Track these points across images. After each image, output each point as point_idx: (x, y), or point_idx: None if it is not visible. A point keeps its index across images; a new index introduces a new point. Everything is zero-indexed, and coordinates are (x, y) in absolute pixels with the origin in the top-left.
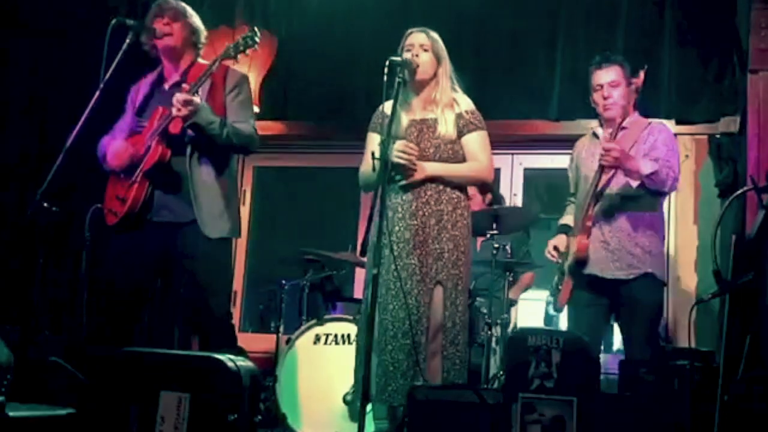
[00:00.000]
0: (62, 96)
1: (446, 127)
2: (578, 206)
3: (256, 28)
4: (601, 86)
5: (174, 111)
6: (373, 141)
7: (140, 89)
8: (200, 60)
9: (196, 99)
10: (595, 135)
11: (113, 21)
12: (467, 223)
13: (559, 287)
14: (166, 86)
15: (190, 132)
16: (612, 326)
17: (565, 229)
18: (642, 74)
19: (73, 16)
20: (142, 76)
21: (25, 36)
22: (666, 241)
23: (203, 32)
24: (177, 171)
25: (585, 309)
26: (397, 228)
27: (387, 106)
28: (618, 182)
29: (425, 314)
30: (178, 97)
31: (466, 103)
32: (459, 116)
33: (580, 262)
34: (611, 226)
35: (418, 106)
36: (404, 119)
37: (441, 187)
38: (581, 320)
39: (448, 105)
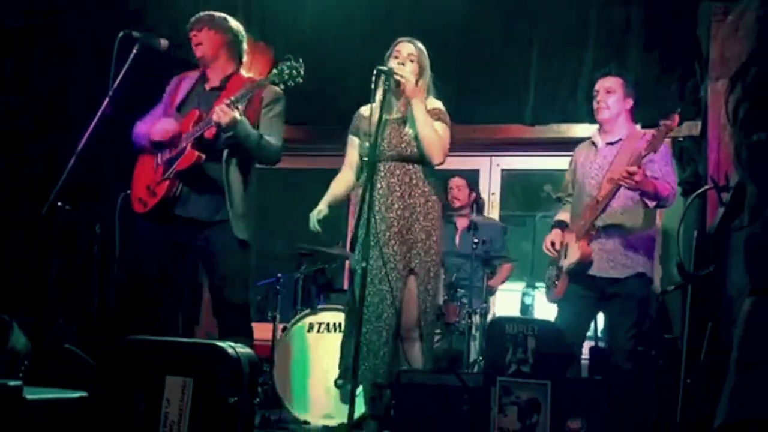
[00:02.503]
0: (73, 104)
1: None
2: (576, 209)
3: (301, 60)
4: (598, 91)
5: (214, 117)
6: (351, 143)
7: (181, 84)
8: (242, 71)
9: (236, 113)
10: (593, 143)
11: (120, 33)
12: (438, 215)
13: (556, 282)
14: (207, 87)
15: (220, 142)
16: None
17: (561, 225)
18: (677, 117)
19: (82, 32)
20: (186, 71)
21: (39, 51)
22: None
23: (243, 40)
24: (210, 173)
25: (575, 301)
26: (374, 220)
27: (364, 109)
28: (620, 197)
29: (398, 300)
30: (222, 109)
31: (434, 103)
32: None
33: (584, 265)
34: (611, 234)
35: (396, 109)
36: (384, 121)
37: (413, 182)
38: (571, 311)
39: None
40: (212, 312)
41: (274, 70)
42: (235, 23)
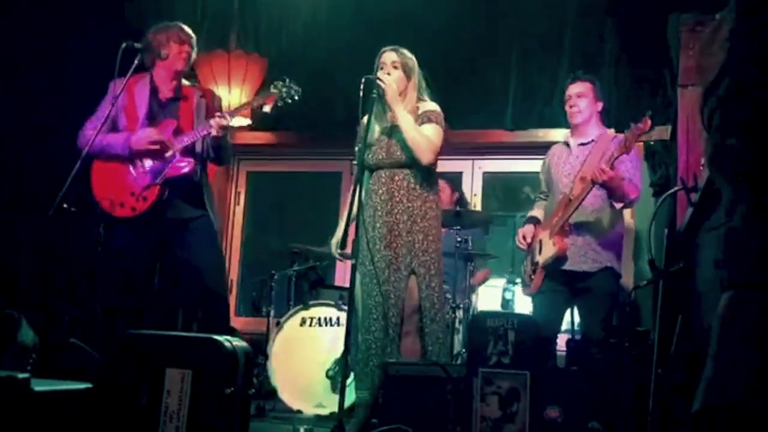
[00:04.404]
0: (78, 110)
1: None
2: (550, 206)
3: (290, 83)
4: (570, 96)
5: (213, 132)
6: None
7: (134, 93)
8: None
9: (227, 123)
10: (566, 144)
11: (123, 44)
12: (436, 215)
13: (532, 277)
14: (162, 97)
15: (197, 147)
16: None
17: (534, 221)
18: (648, 120)
19: (85, 41)
20: (125, 77)
21: (42, 58)
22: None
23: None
24: (189, 177)
25: (549, 294)
26: (377, 225)
27: (365, 122)
28: (591, 197)
29: (401, 299)
30: (220, 122)
31: (428, 105)
32: (419, 116)
33: (560, 259)
34: (581, 231)
35: (389, 117)
36: (377, 129)
37: (411, 186)
38: (545, 305)
39: (411, 112)
40: (192, 301)
41: (281, 90)
42: None
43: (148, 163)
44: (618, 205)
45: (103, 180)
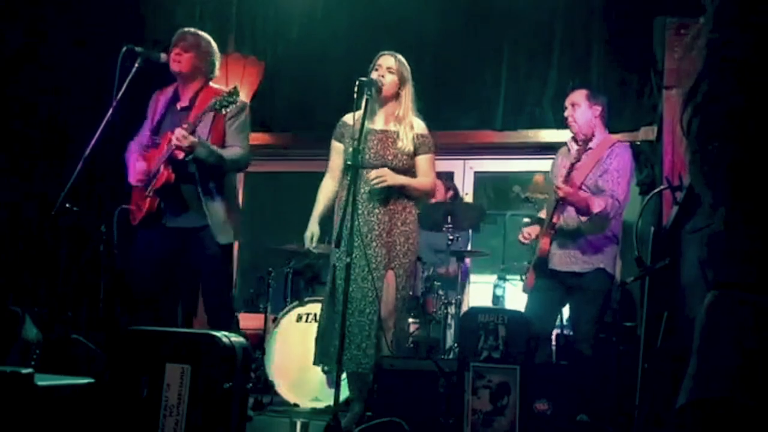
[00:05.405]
0: (80, 112)
1: (406, 143)
2: (548, 209)
3: (237, 87)
4: (566, 107)
5: (174, 142)
6: (335, 148)
7: (159, 103)
8: (211, 84)
9: (193, 138)
10: (568, 149)
11: (123, 48)
12: (414, 219)
13: (526, 274)
14: (178, 106)
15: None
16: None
17: (540, 221)
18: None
19: (89, 46)
20: (162, 87)
21: (50, 64)
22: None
23: (217, 63)
24: (186, 188)
25: (543, 292)
26: (360, 222)
27: (347, 118)
28: None
29: (378, 296)
30: (178, 134)
31: (421, 127)
32: (416, 136)
33: (543, 261)
34: (571, 236)
35: (380, 119)
36: (366, 129)
37: (393, 189)
38: (538, 302)
39: (409, 124)
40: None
41: (216, 100)
42: (215, 48)
43: (148, 175)
44: (584, 218)
45: (133, 194)
